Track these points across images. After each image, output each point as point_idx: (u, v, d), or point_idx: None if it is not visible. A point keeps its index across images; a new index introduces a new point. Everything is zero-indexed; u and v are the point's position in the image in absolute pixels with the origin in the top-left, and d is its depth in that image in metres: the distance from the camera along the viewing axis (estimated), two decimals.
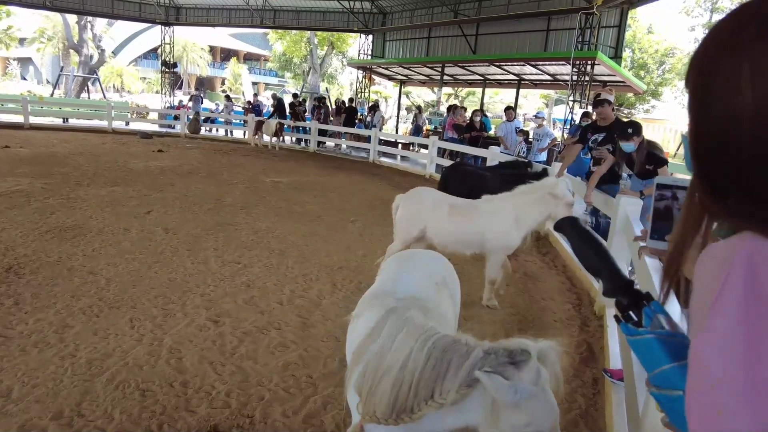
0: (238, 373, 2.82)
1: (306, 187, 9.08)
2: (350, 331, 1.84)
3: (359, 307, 1.84)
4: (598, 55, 11.69)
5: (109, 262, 4.44)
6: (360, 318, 1.74)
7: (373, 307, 1.70)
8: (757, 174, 0.55)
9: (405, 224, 4.12)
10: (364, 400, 1.45)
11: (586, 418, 2.69)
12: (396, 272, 2.03)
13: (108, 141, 14.15)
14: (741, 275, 0.53)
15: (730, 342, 0.52)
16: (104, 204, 6.50)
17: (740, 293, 0.52)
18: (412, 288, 1.88)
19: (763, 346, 0.50)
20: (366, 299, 1.88)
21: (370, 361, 1.47)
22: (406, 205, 4.16)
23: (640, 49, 28.56)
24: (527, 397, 1.22)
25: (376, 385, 1.41)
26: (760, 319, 0.51)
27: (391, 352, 1.42)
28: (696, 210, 0.65)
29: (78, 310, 3.44)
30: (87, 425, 2.29)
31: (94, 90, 27.17)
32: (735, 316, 0.52)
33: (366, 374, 1.46)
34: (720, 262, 0.56)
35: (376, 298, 1.79)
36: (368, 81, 21.57)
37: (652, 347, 0.82)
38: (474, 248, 4.04)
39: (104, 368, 2.76)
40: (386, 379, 1.39)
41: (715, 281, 0.55)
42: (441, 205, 4.04)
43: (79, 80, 26.26)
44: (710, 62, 0.59)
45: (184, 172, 9.57)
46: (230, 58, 46.31)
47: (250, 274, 4.39)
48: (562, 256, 5.80)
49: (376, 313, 1.63)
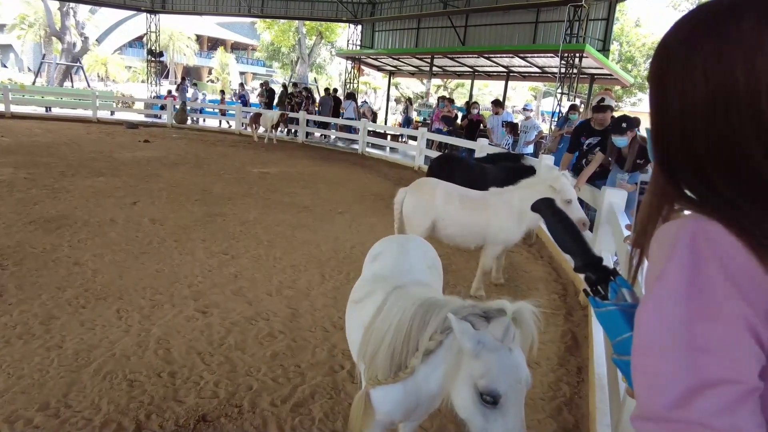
0: (226, 363, 2.83)
1: (294, 178, 9.04)
2: (352, 316, 1.91)
3: (360, 292, 1.91)
4: (586, 47, 11.74)
5: (96, 253, 4.40)
6: (366, 301, 1.80)
7: (378, 290, 1.78)
8: (709, 165, 0.60)
9: (416, 216, 4.04)
10: (368, 366, 1.57)
11: (570, 406, 2.75)
12: (394, 256, 2.09)
13: (93, 131, 13.93)
14: (685, 250, 0.58)
15: (670, 308, 0.57)
16: (89, 194, 6.43)
17: (682, 264, 0.57)
18: (410, 271, 1.98)
19: (698, 312, 0.56)
20: (366, 283, 1.96)
21: (372, 330, 1.59)
22: (415, 197, 4.08)
23: (627, 43, 28.75)
24: (489, 349, 1.23)
25: (377, 350, 1.53)
26: (698, 288, 0.56)
27: (389, 319, 1.54)
28: (658, 193, 0.69)
29: (64, 302, 3.41)
30: (74, 416, 2.29)
31: (77, 79, 26.71)
32: (675, 285, 0.58)
33: (369, 343, 1.59)
34: (669, 239, 0.60)
35: (379, 282, 1.85)
36: (357, 71, 21.46)
37: (614, 318, 0.89)
38: (479, 240, 4.07)
39: (91, 359, 2.75)
40: (385, 342, 1.51)
41: (663, 256, 0.60)
42: (453, 197, 4.03)
43: (62, 68, 25.75)
44: (668, 55, 0.63)
45: (170, 163, 9.47)
46: (217, 47, 45.72)
47: (238, 265, 4.38)
48: (548, 248, 5.86)
49: (381, 294, 1.72)
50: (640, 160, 4.42)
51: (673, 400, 0.55)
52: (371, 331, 1.61)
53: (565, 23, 12.46)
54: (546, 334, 3.58)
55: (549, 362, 3.19)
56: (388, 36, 20.79)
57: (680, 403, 0.54)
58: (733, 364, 0.54)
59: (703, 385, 0.53)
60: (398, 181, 9.81)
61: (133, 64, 41.48)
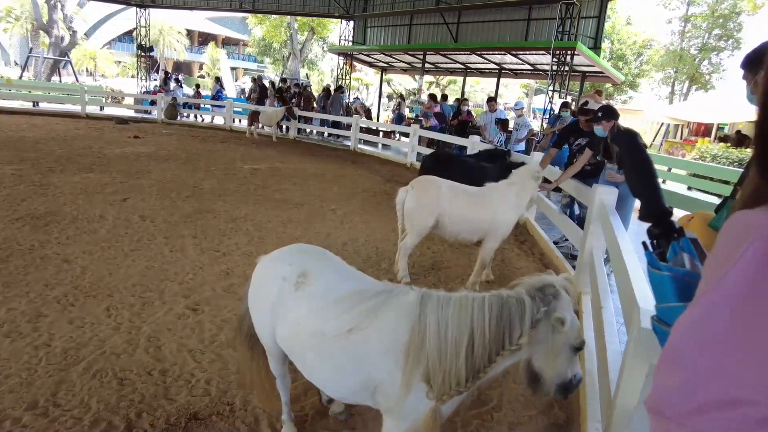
0: (217, 360, 2.82)
1: (285, 174, 9.00)
2: (355, 347, 1.65)
3: (341, 320, 1.68)
4: (577, 45, 11.79)
5: (85, 250, 4.35)
6: (372, 323, 1.63)
7: (384, 308, 1.64)
8: None
9: (421, 215, 4.08)
10: (441, 382, 1.51)
11: (561, 403, 2.76)
12: (331, 270, 1.89)
13: (82, 126, 13.75)
14: (762, 245, 0.55)
15: (727, 313, 0.55)
16: (78, 191, 6.35)
17: (756, 261, 0.54)
18: (364, 278, 1.90)
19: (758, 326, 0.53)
20: (333, 308, 1.72)
21: (431, 350, 1.51)
22: (419, 196, 4.11)
23: (618, 40, 28.93)
24: (572, 318, 1.48)
25: (452, 363, 1.50)
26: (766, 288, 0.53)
27: (451, 331, 1.51)
28: (753, 194, 0.68)
29: (52, 299, 3.37)
30: (63, 414, 2.27)
31: (65, 73, 26.32)
32: (740, 289, 0.55)
33: (435, 361, 1.51)
34: (744, 229, 0.59)
35: (364, 301, 1.69)
36: (349, 67, 21.38)
37: (665, 284, 0.89)
38: (482, 234, 4.17)
39: (80, 357, 2.72)
40: (460, 353, 1.50)
41: (737, 246, 0.57)
42: (458, 195, 4.10)
43: (50, 62, 25.36)
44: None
45: (161, 159, 9.39)
46: (208, 42, 45.28)
47: (229, 262, 4.36)
48: (539, 245, 5.90)
49: (401, 314, 1.60)
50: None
51: (696, 406, 0.54)
52: (429, 350, 1.51)
53: (557, 21, 12.49)
54: None
55: None
56: (380, 32, 20.73)
57: (703, 411, 0.54)
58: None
59: (733, 402, 0.52)
60: (390, 178, 9.81)
61: (122, 59, 41.02)
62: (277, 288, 1.86)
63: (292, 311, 1.81)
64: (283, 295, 1.84)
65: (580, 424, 2.55)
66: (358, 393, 1.72)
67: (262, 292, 1.94)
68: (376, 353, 1.61)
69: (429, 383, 1.52)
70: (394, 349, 1.58)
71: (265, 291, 1.93)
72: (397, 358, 1.57)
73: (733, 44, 26.26)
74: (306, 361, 1.80)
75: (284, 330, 1.85)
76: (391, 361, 1.58)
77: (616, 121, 4.36)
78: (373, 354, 1.62)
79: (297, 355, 1.85)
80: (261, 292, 1.96)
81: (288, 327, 1.82)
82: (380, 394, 1.66)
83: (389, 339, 1.59)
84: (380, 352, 1.60)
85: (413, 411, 1.59)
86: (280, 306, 1.85)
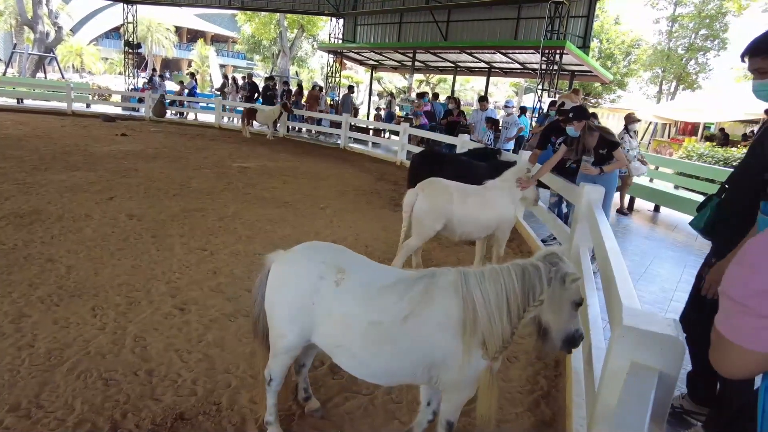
0: (204, 360, 2.80)
1: (274, 172, 8.96)
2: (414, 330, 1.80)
3: (397, 307, 1.82)
4: (566, 44, 11.87)
5: (70, 249, 4.30)
6: (424, 308, 1.81)
7: (439, 292, 1.83)
8: None
9: (429, 218, 4.07)
10: (494, 343, 1.76)
11: (548, 399, 2.79)
12: (365, 263, 2.03)
13: (68, 124, 13.58)
14: None
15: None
16: (64, 189, 6.27)
17: None
18: (395, 269, 2.09)
19: None
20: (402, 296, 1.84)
21: (482, 318, 1.75)
22: (430, 199, 4.08)
23: (607, 40, 29.15)
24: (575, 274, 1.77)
25: (499, 325, 1.75)
26: None
27: (493, 299, 1.76)
28: None
29: (36, 299, 3.33)
30: (47, 416, 2.24)
31: (51, 69, 25.98)
32: None
33: (487, 326, 1.75)
34: None
35: (411, 287, 1.86)
36: (339, 65, 21.32)
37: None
38: (489, 232, 4.28)
39: (65, 358, 2.69)
40: (503, 315, 1.76)
41: None
42: (467, 197, 4.13)
43: (35, 59, 24.97)
44: None
45: (148, 157, 9.30)
46: (197, 39, 44.87)
47: (217, 261, 4.33)
48: (528, 243, 5.94)
49: (450, 293, 1.81)
50: (602, 150, 4.63)
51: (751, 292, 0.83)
52: (481, 318, 1.75)
53: (546, 20, 12.57)
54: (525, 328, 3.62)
55: (527, 356, 3.23)
56: (370, 30, 20.70)
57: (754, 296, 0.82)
58: None
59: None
60: (380, 176, 9.81)
61: (109, 56, 40.49)
62: (313, 287, 1.91)
63: (337, 308, 1.88)
64: (323, 294, 1.90)
65: (565, 421, 2.57)
66: (416, 374, 1.87)
67: (292, 293, 1.95)
68: (434, 332, 1.79)
69: (484, 347, 1.77)
70: (450, 325, 1.78)
71: (295, 291, 1.95)
72: (454, 332, 1.78)
73: (719, 44, 26.62)
74: (355, 354, 1.89)
75: (328, 328, 1.92)
76: (449, 336, 1.78)
77: (587, 120, 4.59)
78: (432, 333, 1.79)
79: (343, 349, 1.91)
80: (290, 292, 1.96)
81: (334, 324, 1.89)
82: (441, 370, 1.84)
83: (444, 317, 1.79)
84: (439, 331, 1.79)
85: (473, 374, 1.82)
86: (321, 305, 1.90)
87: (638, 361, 1.45)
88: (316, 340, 1.99)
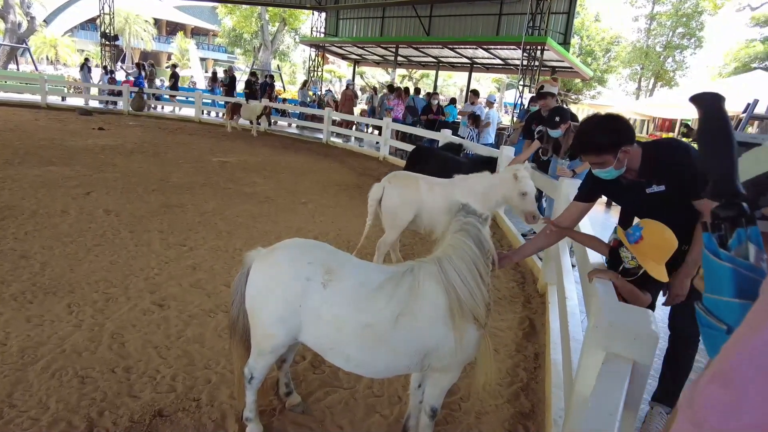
0: (183, 356, 2.77)
1: (255, 167, 8.87)
2: (406, 327, 1.82)
3: (394, 303, 1.83)
4: (547, 40, 11.98)
5: (44, 245, 4.20)
6: (416, 305, 1.84)
7: (423, 285, 1.86)
8: None
9: (401, 210, 4.00)
10: (479, 314, 1.82)
11: (527, 391, 2.83)
12: (354, 260, 2.04)
13: (42, 117, 13.22)
14: None
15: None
16: (38, 184, 6.12)
17: None
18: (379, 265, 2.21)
19: None
20: (391, 296, 1.85)
21: (464, 296, 1.80)
22: (398, 192, 4.01)
23: (587, 37, 29.51)
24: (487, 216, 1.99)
25: (479, 293, 1.82)
26: None
27: (465, 273, 1.82)
28: None
29: (8, 297, 3.25)
30: (20, 416, 2.19)
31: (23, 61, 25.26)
32: None
33: (470, 301, 1.80)
34: None
35: (400, 282, 1.89)
36: (321, 59, 21.18)
37: (725, 275, 0.79)
38: None
39: (38, 356, 2.63)
40: (478, 281, 1.83)
41: None
42: (434, 187, 4.04)
43: (6, 50, 24.24)
44: None
45: (126, 151, 9.12)
46: (177, 32, 44.11)
47: (197, 257, 4.28)
48: (508, 237, 5.99)
49: (432, 283, 1.85)
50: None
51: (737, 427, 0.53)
52: (464, 298, 1.79)
53: (527, 16, 12.66)
54: (504, 321, 3.67)
55: (507, 349, 3.27)
56: (352, 24, 20.60)
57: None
58: None
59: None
60: (363, 171, 9.79)
61: (86, 48, 39.52)
62: (301, 289, 1.88)
63: (327, 310, 1.86)
64: (311, 296, 1.87)
65: (544, 412, 2.61)
66: (410, 365, 1.92)
67: (276, 294, 1.91)
68: (426, 325, 1.83)
69: (474, 320, 1.81)
70: (439, 315, 1.82)
71: (280, 292, 1.90)
72: (444, 320, 1.82)
73: (695, 42, 27.17)
74: (350, 356, 1.89)
75: (318, 329, 1.90)
76: (440, 325, 1.82)
77: (570, 122, 4.68)
78: (425, 326, 1.83)
79: (337, 351, 1.91)
80: (274, 293, 1.92)
81: (325, 326, 1.87)
82: (433, 358, 1.88)
83: (433, 308, 1.82)
84: (429, 322, 1.83)
85: (469, 347, 1.87)
86: (309, 307, 1.87)
87: (613, 351, 1.49)
88: (304, 339, 1.97)
